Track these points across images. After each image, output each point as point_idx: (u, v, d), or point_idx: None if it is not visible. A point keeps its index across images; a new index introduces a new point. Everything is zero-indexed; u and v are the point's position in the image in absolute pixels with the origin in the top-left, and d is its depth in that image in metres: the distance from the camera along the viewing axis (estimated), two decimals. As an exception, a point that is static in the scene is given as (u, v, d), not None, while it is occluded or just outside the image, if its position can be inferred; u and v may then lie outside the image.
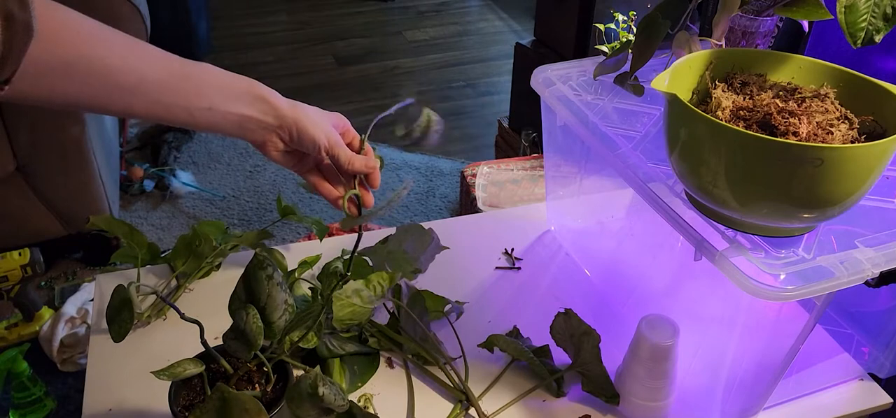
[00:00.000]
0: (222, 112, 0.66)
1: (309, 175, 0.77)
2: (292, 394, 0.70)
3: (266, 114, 0.69)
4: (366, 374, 0.89)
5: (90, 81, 0.57)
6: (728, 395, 0.84)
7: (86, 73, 0.57)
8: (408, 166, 2.63)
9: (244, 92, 0.68)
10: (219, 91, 0.66)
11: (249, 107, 0.68)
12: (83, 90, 0.57)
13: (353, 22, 3.82)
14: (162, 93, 0.62)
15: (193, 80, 0.64)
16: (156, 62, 0.62)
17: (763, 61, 0.81)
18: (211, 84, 0.65)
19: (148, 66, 0.61)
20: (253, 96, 0.68)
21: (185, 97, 0.63)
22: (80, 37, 0.56)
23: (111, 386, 0.87)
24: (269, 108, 0.69)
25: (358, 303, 0.89)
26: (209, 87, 0.65)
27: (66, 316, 1.70)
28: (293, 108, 0.71)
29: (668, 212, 0.77)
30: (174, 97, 0.63)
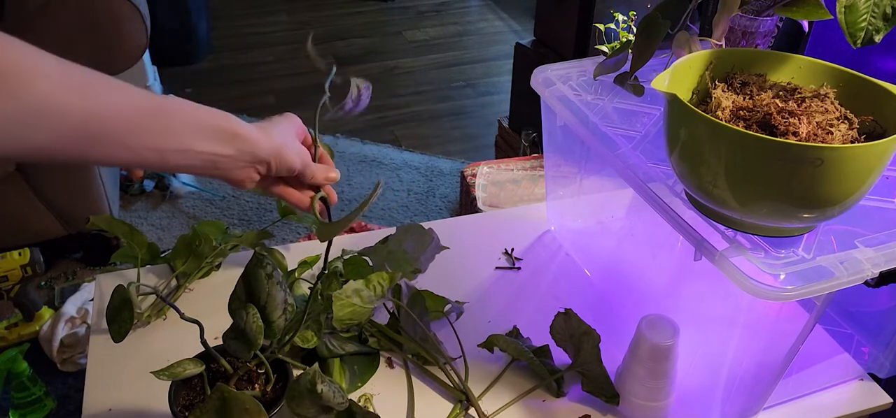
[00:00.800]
0: (196, 152, 0.61)
1: (272, 188, 0.74)
2: (292, 393, 0.70)
3: (242, 152, 0.64)
4: (366, 374, 0.89)
5: (49, 128, 0.51)
6: (728, 395, 0.84)
7: (43, 120, 0.50)
8: (408, 166, 2.63)
9: (218, 128, 0.63)
10: (191, 128, 0.61)
11: (225, 145, 0.63)
12: (39, 139, 0.51)
13: (353, 22, 3.82)
14: (130, 135, 0.56)
15: (162, 117, 0.59)
16: (121, 100, 0.56)
17: (763, 61, 0.81)
18: (182, 121, 0.60)
19: (113, 106, 0.55)
20: (228, 133, 0.63)
21: (155, 137, 0.58)
22: (35, 79, 0.50)
23: (111, 386, 0.87)
24: (245, 144, 0.64)
25: (358, 303, 0.89)
26: (180, 124, 0.60)
27: (66, 316, 1.70)
28: (268, 138, 0.67)
29: (668, 212, 0.77)
30: (143, 138, 0.57)
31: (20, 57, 0.49)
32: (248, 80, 3.20)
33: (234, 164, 0.65)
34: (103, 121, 0.54)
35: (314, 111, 0.75)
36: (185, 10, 3.13)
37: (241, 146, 0.64)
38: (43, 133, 0.51)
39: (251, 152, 0.65)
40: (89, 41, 1.77)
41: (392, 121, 2.97)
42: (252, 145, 0.65)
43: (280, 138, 0.68)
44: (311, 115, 0.74)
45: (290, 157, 0.69)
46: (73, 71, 0.53)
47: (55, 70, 0.52)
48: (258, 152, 0.66)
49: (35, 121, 0.50)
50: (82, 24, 1.75)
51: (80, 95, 0.53)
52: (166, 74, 3.10)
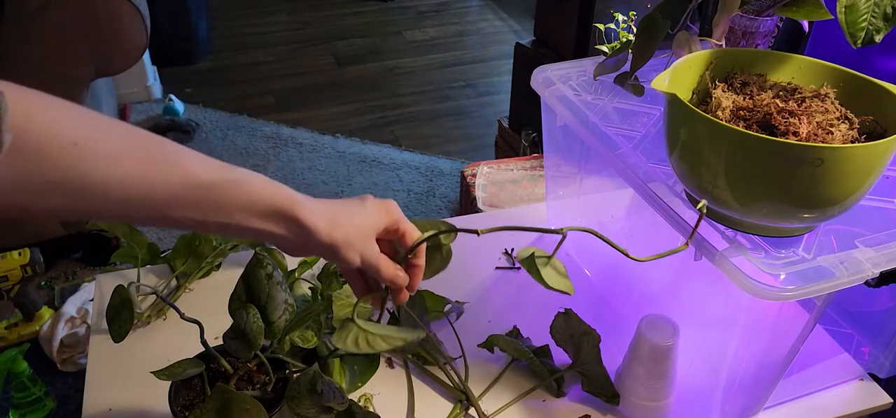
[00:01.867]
0: (243, 228, 0.57)
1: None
2: (292, 392, 0.70)
3: (297, 236, 0.59)
4: (366, 374, 0.89)
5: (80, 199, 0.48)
6: (728, 395, 0.84)
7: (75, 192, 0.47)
8: (408, 166, 2.64)
9: (276, 209, 0.57)
10: (243, 207, 0.56)
11: (280, 226, 0.58)
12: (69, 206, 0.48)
13: (353, 22, 3.82)
14: (169, 207, 0.52)
15: (209, 194, 0.54)
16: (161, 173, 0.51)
17: (763, 61, 0.81)
18: (238, 200, 0.55)
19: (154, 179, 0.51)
20: (287, 216, 0.58)
21: (196, 211, 0.54)
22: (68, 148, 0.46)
23: (111, 386, 0.87)
24: (301, 231, 0.58)
25: (358, 302, 0.89)
26: (229, 202, 0.55)
27: (66, 316, 1.70)
28: (330, 228, 0.60)
29: (668, 212, 0.77)
30: (183, 211, 0.53)
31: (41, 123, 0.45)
32: (248, 80, 3.20)
33: (287, 246, 0.60)
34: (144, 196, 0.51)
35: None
36: (185, 10, 3.13)
37: (296, 231, 0.59)
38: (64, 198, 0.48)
39: (306, 243, 0.59)
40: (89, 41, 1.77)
41: (392, 121, 2.97)
42: (308, 234, 0.59)
43: (347, 232, 0.61)
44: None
45: (348, 257, 0.62)
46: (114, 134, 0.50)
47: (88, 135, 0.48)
48: (312, 245, 0.60)
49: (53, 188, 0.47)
50: (82, 24, 1.75)
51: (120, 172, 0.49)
52: (166, 74, 3.11)
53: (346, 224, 0.61)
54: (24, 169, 0.44)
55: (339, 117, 2.96)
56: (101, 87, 2.12)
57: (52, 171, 0.46)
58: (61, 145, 0.46)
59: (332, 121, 2.92)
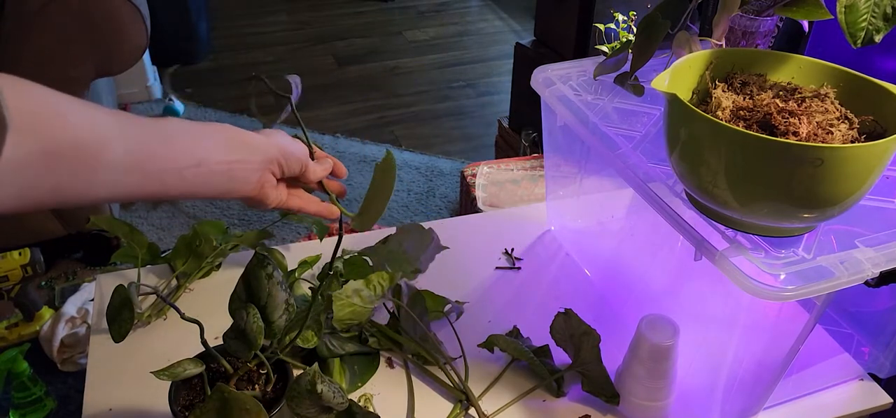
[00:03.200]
0: (211, 164, 0.61)
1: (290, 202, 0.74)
2: (292, 393, 0.70)
3: (252, 152, 0.65)
4: (366, 374, 0.89)
5: (74, 168, 0.51)
6: (728, 395, 0.84)
7: (69, 160, 0.50)
8: (408, 166, 2.64)
9: (227, 138, 0.63)
10: (201, 143, 0.61)
11: (236, 151, 0.63)
12: (64, 180, 0.50)
13: (353, 22, 3.82)
14: (150, 161, 0.56)
15: (176, 139, 0.59)
16: (137, 132, 0.56)
17: (763, 61, 0.81)
18: (191, 138, 0.60)
19: (132, 137, 0.55)
20: (236, 141, 0.64)
21: (173, 160, 0.58)
22: (58, 118, 0.49)
23: (111, 386, 0.87)
24: (254, 148, 0.65)
25: (358, 302, 0.89)
26: (190, 140, 0.60)
27: (66, 316, 1.71)
28: (269, 139, 0.68)
29: (668, 212, 0.77)
30: (164, 163, 0.57)
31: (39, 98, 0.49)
32: (248, 80, 3.20)
33: (248, 170, 0.65)
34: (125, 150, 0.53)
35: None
36: (185, 10, 3.13)
37: (249, 149, 0.64)
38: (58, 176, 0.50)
39: (261, 152, 0.66)
40: (89, 41, 1.77)
41: (392, 121, 2.97)
42: (260, 146, 0.65)
43: (279, 137, 0.70)
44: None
45: (295, 150, 0.70)
46: (91, 108, 0.52)
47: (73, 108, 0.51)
48: (267, 152, 0.66)
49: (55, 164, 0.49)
50: (82, 24, 1.75)
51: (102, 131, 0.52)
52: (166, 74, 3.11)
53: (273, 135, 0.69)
54: (27, 142, 0.47)
55: (339, 117, 2.96)
56: (101, 86, 2.12)
57: (49, 140, 0.48)
58: (52, 115, 0.49)
59: (332, 121, 2.92)
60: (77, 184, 0.51)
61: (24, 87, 0.48)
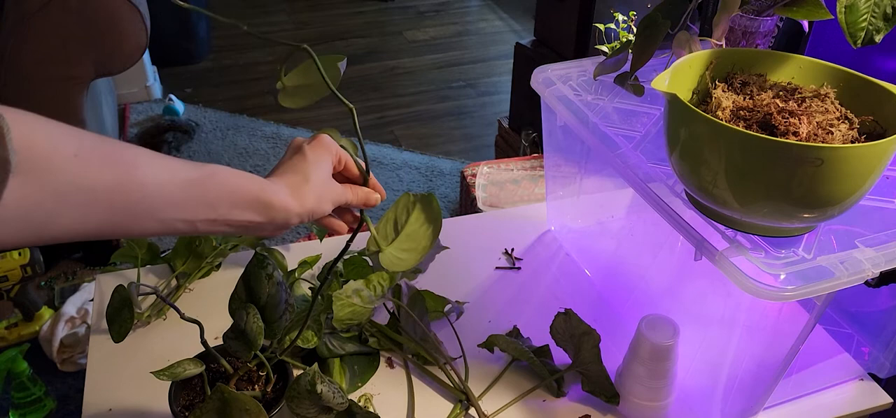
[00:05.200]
0: (226, 220, 0.60)
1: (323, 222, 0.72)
2: (292, 393, 0.70)
3: (274, 219, 0.63)
4: (366, 374, 0.89)
5: (88, 210, 0.50)
6: (728, 395, 0.84)
7: (82, 202, 0.49)
8: (408, 166, 2.64)
9: (253, 199, 0.61)
10: (224, 201, 0.59)
11: (256, 213, 0.62)
12: (78, 222, 0.50)
13: (353, 22, 3.82)
14: (164, 208, 0.55)
15: (196, 189, 0.57)
16: (155, 173, 0.54)
17: (763, 61, 0.81)
18: (216, 193, 0.59)
19: (148, 180, 0.53)
20: (261, 204, 0.61)
21: (188, 211, 0.57)
22: (70, 158, 0.48)
23: (111, 386, 0.87)
24: (277, 213, 0.63)
25: (358, 302, 0.89)
26: (214, 196, 0.59)
27: (66, 316, 1.71)
28: (300, 200, 0.64)
29: (668, 212, 0.77)
30: (176, 211, 0.56)
31: (43, 137, 0.47)
32: (248, 79, 3.20)
33: (264, 230, 0.64)
34: (134, 196, 0.52)
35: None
36: (185, 10, 3.13)
37: (272, 215, 0.63)
38: (72, 213, 0.49)
39: (283, 220, 0.63)
40: (89, 41, 1.77)
41: (392, 121, 2.97)
42: (284, 214, 0.63)
43: (313, 195, 0.65)
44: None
45: (322, 209, 0.66)
46: (104, 145, 0.51)
47: (87, 146, 0.49)
48: (289, 219, 0.64)
49: (62, 203, 0.48)
50: (82, 24, 1.75)
51: (112, 172, 0.51)
52: (166, 74, 3.11)
53: (308, 187, 0.65)
54: (36, 185, 0.45)
55: (340, 117, 2.96)
56: (101, 86, 2.12)
57: (60, 183, 0.47)
58: (64, 156, 0.47)
59: (333, 121, 2.92)
60: (85, 224, 0.50)
61: (38, 124, 0.47)
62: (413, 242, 0.73)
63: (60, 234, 0.49)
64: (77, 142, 0.49)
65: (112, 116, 2.28)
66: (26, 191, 0.45)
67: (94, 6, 1.75)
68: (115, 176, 0.51)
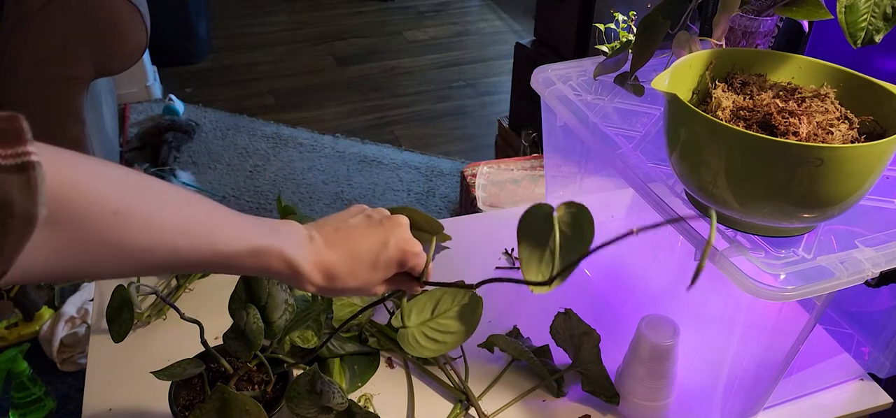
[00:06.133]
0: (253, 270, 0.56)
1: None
2: (292, 393, 0.70)
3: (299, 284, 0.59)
4: (366, 374, 0.89)
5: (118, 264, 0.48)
6: (728, 395, 0.84)
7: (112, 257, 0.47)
8: (408, 166, 2.63)
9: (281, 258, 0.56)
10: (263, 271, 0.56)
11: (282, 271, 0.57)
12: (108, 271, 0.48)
13: (353, 22, 3.82)
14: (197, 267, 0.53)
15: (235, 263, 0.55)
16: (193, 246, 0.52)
17: (763, 61, 0.81)
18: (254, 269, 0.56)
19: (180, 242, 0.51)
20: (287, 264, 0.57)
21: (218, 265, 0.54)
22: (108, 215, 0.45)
23: (111, 386, 0.87)
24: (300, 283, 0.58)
25: (358, 302, 0.89)
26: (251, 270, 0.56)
27: (66, 316, 1.71)
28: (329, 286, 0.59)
29: (668, 212, 0.77)
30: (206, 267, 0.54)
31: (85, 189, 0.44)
32: (248, 79, 3.20)
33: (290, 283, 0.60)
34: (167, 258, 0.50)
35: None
36: (185, 9, 3.13)
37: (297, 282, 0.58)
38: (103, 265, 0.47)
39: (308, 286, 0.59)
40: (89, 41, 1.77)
41: (392, 121, 2.97)
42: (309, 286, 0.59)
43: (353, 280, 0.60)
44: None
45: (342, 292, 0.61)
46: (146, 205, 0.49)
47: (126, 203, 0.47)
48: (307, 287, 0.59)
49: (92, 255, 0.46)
50: (82, 24, 1.75)
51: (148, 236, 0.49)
52: (166, 74, 3.11)
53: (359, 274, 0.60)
54: (64, 238, 0.43)
55: (339, 117, 2.96)
56: (101, 86, 2.12)
57: (92, 240, 0.45)
58: (102, 214, 0.45)
59: (332, 121, 2.92)
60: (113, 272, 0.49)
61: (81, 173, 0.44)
62: (440, 334, 0.72)
63: (91, 277, 0.49)
64: (121, 197, 0.46)
65: (112, 116, 2.28)
66: (55, 244, 0.43)
67: (94, 6, 1.75)
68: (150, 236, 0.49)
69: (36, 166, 0.39)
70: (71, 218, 0.43)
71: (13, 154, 0.38)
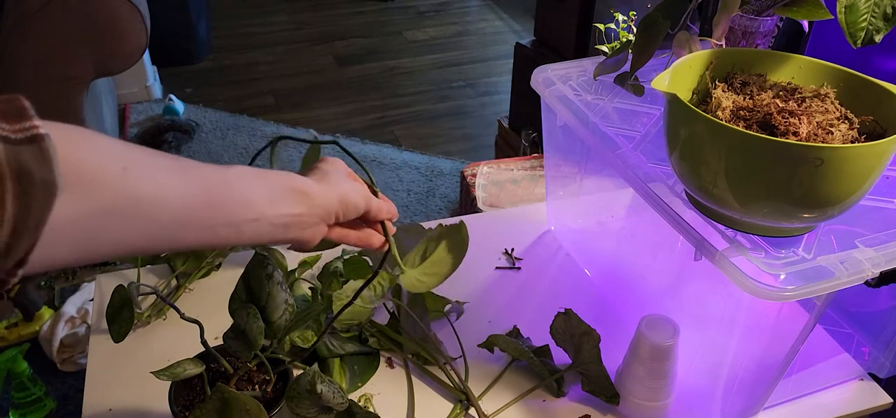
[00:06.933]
0: (270, 217, 0.58)
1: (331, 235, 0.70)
2: (292, 393, 0.70)
3: (313, 207, 0.62)
4: (366, 374, 0.89)
5: (133, 224, 0.49)
6: (728, 395, 0.84)
7: (127, 216, 0.48)
8: (408, 166, 2.63)
9: (288, 189, 0.60)
10: (263, 195, 0.58)
11: (294, 204, 0.60)
12: (123, 236, 0.49)
13: (353, 22, 3.82)
14: (209, 215, 0.54)
15: (235, 189, 0.56)
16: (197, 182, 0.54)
17: (763, 61, 0.81)
18: (253, 189, 0.58)
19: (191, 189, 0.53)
20: (294, 191, 0.61)
21: (231, 213, 0.55)
22: (116, 173, 0.47)
23: (111, 386, 0.87)
24: (312, 200, 0.62)
25: (358, 303, 0.89)
26: (252, 193, 0.58)
27: (66, 316, 1.71)
28: (329, 187, 0.64)
29: (668, 212, 0.77)
30: (220, 216, 0.55)
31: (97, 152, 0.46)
32: (248, 79, 3.20)
33: (304, 223, 0.62)
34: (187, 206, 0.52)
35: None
36: (185, 10, 3.13)
37: (310, 202, 0.62)
38: (121, 227, 0.48)
39: (322, 206, 0.63)
40: (89, 41, 1.77)
41: (392, 121, 2.97)
42: (321, 200, 0.62)
43: (342, 186, 0.66)
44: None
45: (356, 200, 0.67)
46: (150, 157, 0.51)
47: (134, 159, 0.49)
48: (328, 205, 0.63)
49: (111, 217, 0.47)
50: (82, 24, 1.75)
51: (162, 185, 0.50)
52: (166, 74, 3.11)
53: (334, 181, 0.65)
54: (83, 203, 0.45)
55: (339, 117, 2.96)
56: (101, 86, 2.12)
57: (110, 198, 0.46)
58: (113, 171, 0.47)
59: (332, 121, 2.92)
60: (134, 239, 0.49)
61: (86, 140, 0.46)
62: (436, 268, 0.74)
63: (109, 251, 0.49)
64: (125, 156, 0.48)
65: (112, 116, 2.28)
66: (76, 209, 0.44)
67: (94, 6, 1.75)
68: (159, 188, 0.50)
69: (46, 137, 0.41)
70: (85, 180, 0.44)
71: (21, 128, 0.40)
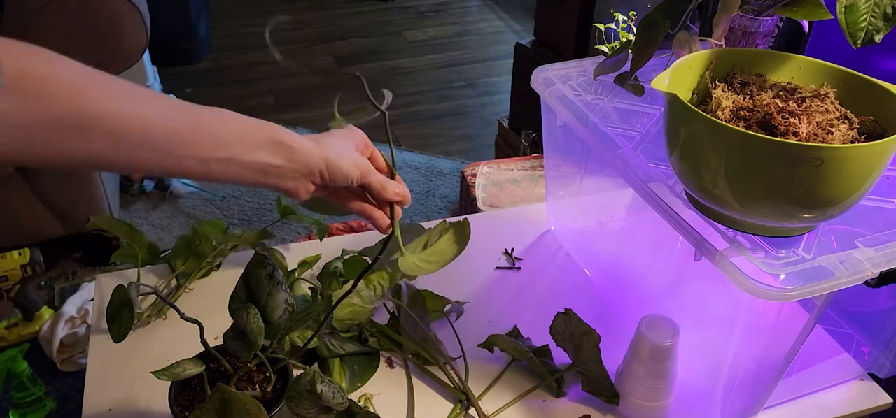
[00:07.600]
0: (242, 161, 0.59)
1: (349, 203, 0.72)
2: (292, 393, 0.70)
3: (292, 161, 0.63)
4: (366, 374, 0.89)
5: (88, 137, 0.51)
6: (728, 395, 0.84)
7: (82, 128, 0.50)
8: (408, 166, 2.63)
9: (266, 138, 0.61)
10: (237, 138, 0.59)
11: (272, 154, 0.61)
12: (81, 148, 0.51)
13: (353, 22, 3.82)
14: (172, 143, 0.55)
15: (206, 126, 0.58)
16: (162, 109, 0.55)
17: (763, 61, 0.81)
18: (227, 131, 0.59)
19: (154, 114, 0.54)
20: (275, 142, 0.61)
21: (198, 147, 0.57)
22: (69, 86, 0.49)
23: (111, 386, 0.87)
24: (293, 154, 0.63)
25: (358, 303, 0.89)
26: (226, 134, 0.59)
27: (66, 316, 1.70)
28: (318, 147, 0.65)
29: (668, 212, 0.77)
30: (186, 148, 0.56)
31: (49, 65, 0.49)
32: (248, 79, 3.20)
33: (283, 174, 0.63)
34: (143, 127, 0.53)
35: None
36: (185, 10, 3.13)
37: (290, 156, 0.62)
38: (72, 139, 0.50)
39: (303, 162, 0.63)
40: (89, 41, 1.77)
41: (392, 121, 2.95)
42: (303, 155, 0.63)
43: (333, 149, 0.66)
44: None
45: (344, 166, 0.67)
46: (112, 82, 0.53)
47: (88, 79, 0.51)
48: (310, 163, 0.64)
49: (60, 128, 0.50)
50: (82, 24, 1.75)
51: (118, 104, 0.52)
52: (166, 74, 3.10)
53: (329, 144, 0.66)
54: (32, 107, 0.48)
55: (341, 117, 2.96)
56: (101, 86, 2.12)
57: (64, 109, 0.49)
58: (62, 84, 0.49)
59: (332, 121, 2.92)
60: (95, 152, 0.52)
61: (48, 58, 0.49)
62: (436, 256, 0.74)
63: (64, 160, 0.52)
64: (87, 75, 0.51)
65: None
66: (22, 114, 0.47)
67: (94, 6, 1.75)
68: (116, 106, 0.52)
69: None
70: (31, 87, 0.47)
71: None
